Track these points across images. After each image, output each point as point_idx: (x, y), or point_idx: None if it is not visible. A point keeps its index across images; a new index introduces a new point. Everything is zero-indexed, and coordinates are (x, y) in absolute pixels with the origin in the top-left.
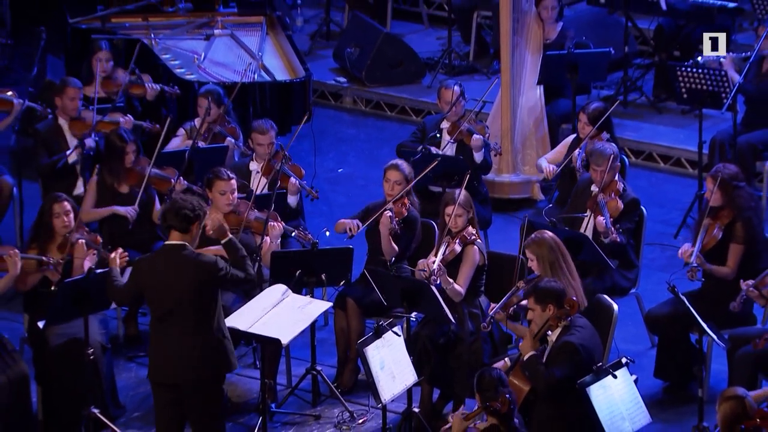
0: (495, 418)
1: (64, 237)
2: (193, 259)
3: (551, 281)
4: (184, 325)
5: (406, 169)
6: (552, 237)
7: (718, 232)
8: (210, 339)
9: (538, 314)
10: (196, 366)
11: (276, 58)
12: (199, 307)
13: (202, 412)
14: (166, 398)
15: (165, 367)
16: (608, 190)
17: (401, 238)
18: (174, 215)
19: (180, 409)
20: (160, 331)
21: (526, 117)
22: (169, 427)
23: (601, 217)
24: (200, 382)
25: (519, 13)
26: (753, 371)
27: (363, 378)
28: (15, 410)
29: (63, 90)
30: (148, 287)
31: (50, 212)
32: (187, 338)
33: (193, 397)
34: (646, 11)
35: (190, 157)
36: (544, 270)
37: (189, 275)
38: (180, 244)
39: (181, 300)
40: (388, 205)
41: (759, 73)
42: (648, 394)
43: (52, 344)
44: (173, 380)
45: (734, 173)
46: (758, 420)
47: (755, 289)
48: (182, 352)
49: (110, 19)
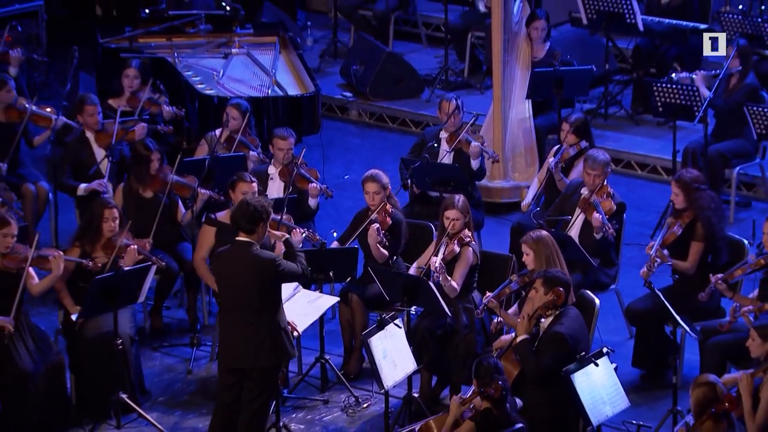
0: (488, 403)
1: (108, 239)
2: (256, 256)
3: (562, 272)
4: (247, 315)
5: (383, 179)
6: (549, 235)
7: (678, 229)
8: (271, 329)
9: (540, 296)
10: (258, 353)
11: (288, 75)
12: (260, 300)
13: (257, 396)
14: (230, 381)
15: (230, 352)
16: (600, 192)
17: (389, 244)
18: (241, 216)
19: (239, 391)
20: (226, 320)
21: (515, 128)
22: (227, 407)
23: (597, 214)
24: (260, 369)
25: (509, 33)
26: (722, 360)
27: (367, 366)
28: (51, 395)
29: (82, 108)
30: (219, 277)
31: (101, 216)
32: (249, 327)
33: (252, 381)
34: (625, 32)
35: (210, 165)
36: (539, 264)
37: (252, 270)
38: (248, 241)
39: (245, 292)
40: (372, 216)
41: (727, 88)
42: (627, 381)
43: (85, 336)
44: (237, 365)
45: (696, 177)
46: (727, 404)
47: (723, 282)
48: (246, 340)
49: (137, 39)
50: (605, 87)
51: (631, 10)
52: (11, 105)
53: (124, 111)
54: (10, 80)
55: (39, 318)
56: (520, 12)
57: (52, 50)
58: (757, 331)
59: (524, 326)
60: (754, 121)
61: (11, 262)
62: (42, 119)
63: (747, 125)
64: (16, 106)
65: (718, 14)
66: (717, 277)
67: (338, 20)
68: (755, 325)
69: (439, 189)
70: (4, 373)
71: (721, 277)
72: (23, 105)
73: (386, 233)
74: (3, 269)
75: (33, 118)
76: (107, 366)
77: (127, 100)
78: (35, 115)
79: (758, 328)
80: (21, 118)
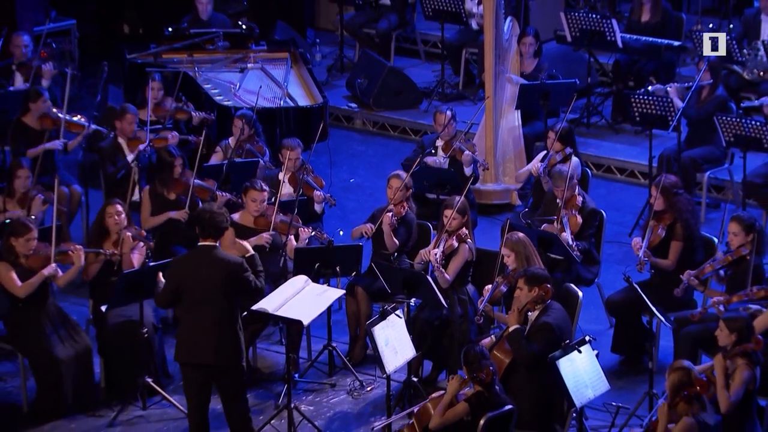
0: (480, 386)
1: (117, 234)
2: (222, 258)
3: (540, 269)
4: (209, 314)
5: (406, 179)
6: (525, 237)
7: (661, 232)
8: (232, 328)
9: (524, 294)
10: (220, 350)
11: (298, 87)
12: (223, 300)
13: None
14: (198, 380)
15: (190, 348)
16: (569, 205)
17: (399, 232)
18: (210, 224)
19: (205, 384)
20: (189, 318)
21: (506, 136)
22: (199, 411)
23: (564, 234)
24: (226, 367)
25: (500, 49)
26: (694, 347)
27: (371, 353)
28: (82, 378)
29: (123, 115)
30: (183, 280)
31: (104, 214)
32: (213, 325)
33: (217, 376)
34: (606, 48)
35: (228, 170)
36: (520, 263)
37: (218, 271)
38: (212, 245)
39: (209, 292)
40: (389, 206)
41: (699, 100)
42: (607, 366)
43: (113, 324)
44: (195, 361)
45: (674, 182)
46: (698, 387)
47: (695, 278)
48: (209, 337)
49: (161, 55)
50: (587, 98)
51: (611, 28)
52: (46, 114)
53: (152, 120)
54: (44, 92)
55: (71, 308)
56: (510, 30)
57: (84, 65)
58: (726, 323)
59: (515, 318)
60: (723, 129)
61: (35, 261)
62: (74, 126)
63: (716, 133)
64: (50, 115)
65: (690, 32)
66: (689, 274)
67: (344, 38)
68: (724, 317)
69: (436, 191)
70: (40, 360)
71: (693, 273)
72: (56, 114)
73: (399, 219)
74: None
75: (65, 125)
76: (133, 352)
77: (152, 110)
78: (67, 123)
79: (726, 320)
80: (54, 125)
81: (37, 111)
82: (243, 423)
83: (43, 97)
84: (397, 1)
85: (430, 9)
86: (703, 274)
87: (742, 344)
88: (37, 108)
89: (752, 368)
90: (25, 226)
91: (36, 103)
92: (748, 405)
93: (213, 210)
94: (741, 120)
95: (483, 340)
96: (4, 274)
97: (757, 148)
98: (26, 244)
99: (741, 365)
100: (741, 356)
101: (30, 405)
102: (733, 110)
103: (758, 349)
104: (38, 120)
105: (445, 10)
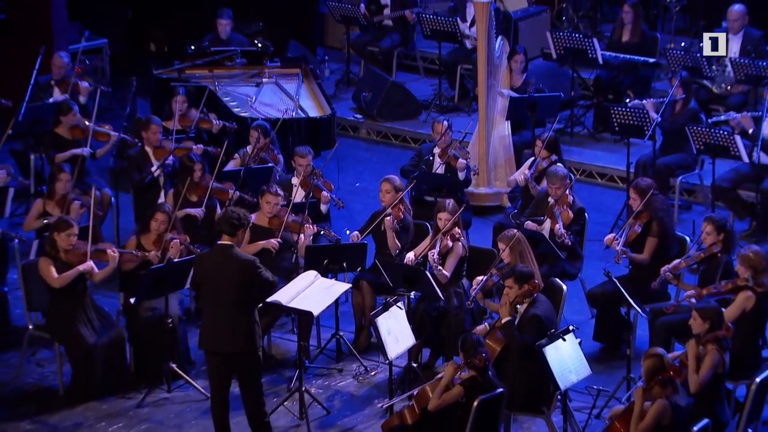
0: (474, 371)
1: (157, 235)
2: (238, 256)
3: (526, 267)
4: (226, 307)
5: (395, 182)
6: (520, 233)
7: (638, 228)
8: (247, 319)
9: (515, 290)
10: (235, 339)
11: (309, 100)
12: (238, 294)
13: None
14: (219, 366)
15: (210, 338)
16: (561, 202)
17: (400, 236)
18: (225, 222)
19: (225, 369)
20: (208, 310)
21: (497, 144)
22: (221, 398)
23: (557, 225)
24: (241, 353)
25: (492, 65)
26: (667, 336)
27: (374, 341)
28: (113, 364)
29: (148, 126)
30: (203, 275)
31: (153, 216)
32: (229, 317)
33: (234, 363)
34: (587, 65)
35: (245, 175)
36: (514, 258)
37: (233, 268)
38: (229, 244)
39: (226, 286)
40: (387, 211)
41: (672, 112)
42: (589, 353)
43: (141, 315)
44: (215, 349)
45: (650, 184)
46: (672, 372)
47: (670, 273)
48: (226, 328)
49: (185, 71)
50: (571, 110)
51: (593, 47)
52: (76, 125)
53: (178, 130)
54: (74, 105)
55: (103, 300)
56: (501, 48)
57: (114, 80)
58: (698, 312)
59: (506, 310)
60: (694, 138)
61: (73, 256)
62: (101, 135)
63: (688, 142)
64: (80, 126)
65: (664, 50)
66: (665, 269)
67: (351, 55)
68: (697, 307)
69: (434, 194)
70: (74, 347)
71: (668, 268)
72: (85, 124)
73: (399, 223)
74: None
75: (93, 134)
76: (159, 340)
77: (178, 121)
78: (95, 132)
79: (699, 309)
80: (84, 135)
81: (68, 122)
82: (257, 404)
83: (73, 111)
84: (398, 22)
85: (429, 29)
86: (677, 270)
87: (714, 331)
88: (67, 120)
89: (722, 353)
90: (67, 223)
91: (67, 116)
92: (718, 388)
93: (231, 209)
94: (710, 130)
95: (477, 327)
96: (44, 266)
97: (724, 155)
98: (67, 239)
99: (711, 350)
100: (712, 342)
101: (65, 388)
102: (703, 121)
103: (728, 335)
104: (69, 130)
105: (442, 30)
